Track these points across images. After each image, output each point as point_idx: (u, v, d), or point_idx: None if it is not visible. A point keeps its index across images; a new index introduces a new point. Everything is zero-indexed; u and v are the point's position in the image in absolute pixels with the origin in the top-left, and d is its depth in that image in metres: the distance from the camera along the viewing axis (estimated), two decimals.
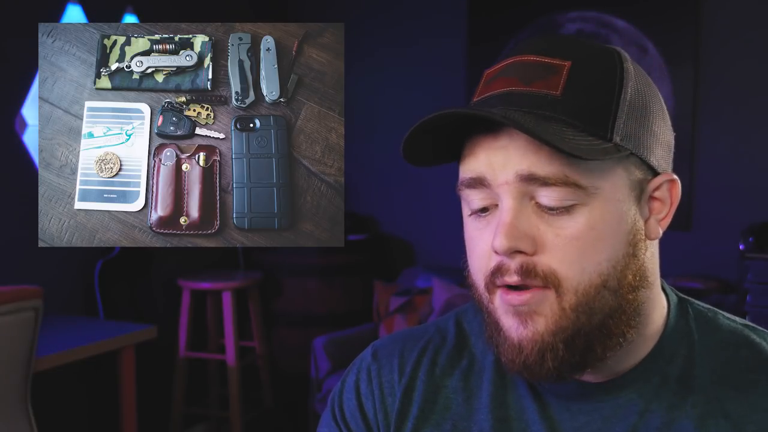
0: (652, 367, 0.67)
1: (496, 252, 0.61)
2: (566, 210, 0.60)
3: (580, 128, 0.60)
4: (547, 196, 0.60)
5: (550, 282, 0.61)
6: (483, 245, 0.64)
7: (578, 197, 0.60)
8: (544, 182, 0.60)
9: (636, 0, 3.02)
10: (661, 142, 0.66)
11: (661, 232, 0.66)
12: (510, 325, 0.63)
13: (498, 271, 0.62)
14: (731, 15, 2.88)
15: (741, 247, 2.58)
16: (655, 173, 0.65)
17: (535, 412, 0.68)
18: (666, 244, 0.70)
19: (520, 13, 3.25)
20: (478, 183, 0.63)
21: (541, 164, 0.59)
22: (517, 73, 0.63)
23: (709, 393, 0.65)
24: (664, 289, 0.71)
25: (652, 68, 2.96)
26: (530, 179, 0.60)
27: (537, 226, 0.61)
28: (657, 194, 0.65)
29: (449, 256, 3.30)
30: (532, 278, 0.61)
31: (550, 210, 0.61)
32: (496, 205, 0.63)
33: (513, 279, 0.61)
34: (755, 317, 2.48)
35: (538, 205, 0.61)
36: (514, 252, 0.61)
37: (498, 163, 0.61)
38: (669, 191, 0.66)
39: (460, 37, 3.41)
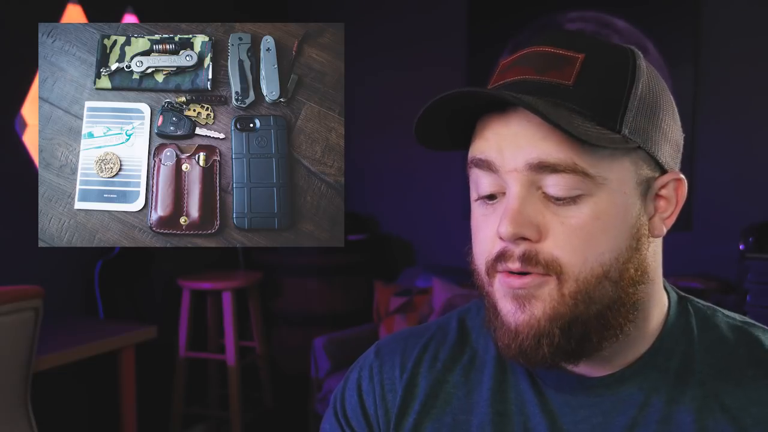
0: (652, 362, 0.68)
1: (501, 238, 0.62)
2: (573, 200, 0.61)
3: (590, 117, 0.61)
4: (555, 185, 0.61)
5: (551, 269, 0.61)
6: (488, 231, 0.65)
7: (585, 187, 0.61)
8: (554, 169, 0.60)
9: (636, 0, 3.02)
10: (670, 141, 0.66)
11: (665, 230, 0.67)
12: (508, 309, 0.64)
13: (501, 256, 0.63)
14: (731, 15, 2.88)
15: (741, 247, 2.58)
16: (663, 171, 0.66)
17: (536, 406, 0.69)
18: (666, 244, 0.70)
19: (520, 13, 3.25)
20: (486, 166, 0.64)
21: (551, 151, 0.60)
22: (532, 63, 0.64)
23: (708, 387, 0.66)
24: (665, 288, 0.72)
25: None
26: (539, 167, 0.61)
27: (543, 214, 0.62)
28: (663, 192, 0.66)
29: (449, 256, 3.30)
30: (533, 265, 0.61)
31: (557, 200, 0.61)
32: (504, 193, 0.64)
33: (515, 265, 0.62)
34: (755, 317, 2.45)
35: (545, 195, 0.62)
36: (518, 239, 0.61)
37: (507, 150, 0.62)
38: (675, 190, 0.67)
39: (460, 37, 3.41)
